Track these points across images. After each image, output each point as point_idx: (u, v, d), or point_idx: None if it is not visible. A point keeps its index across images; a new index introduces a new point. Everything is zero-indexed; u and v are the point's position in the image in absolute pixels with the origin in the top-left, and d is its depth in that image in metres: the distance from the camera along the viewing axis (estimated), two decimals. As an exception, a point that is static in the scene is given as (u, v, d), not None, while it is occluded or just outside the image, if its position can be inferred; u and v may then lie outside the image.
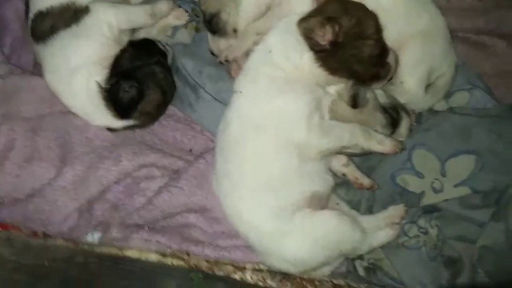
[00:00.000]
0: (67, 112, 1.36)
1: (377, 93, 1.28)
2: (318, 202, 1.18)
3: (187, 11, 1.52)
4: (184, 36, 1.51)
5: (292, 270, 1.19)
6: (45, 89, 1.36)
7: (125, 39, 1.38)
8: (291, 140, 1.12)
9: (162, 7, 1.44)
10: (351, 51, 1.11)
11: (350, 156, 1.30)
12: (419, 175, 1.30)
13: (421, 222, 1.27)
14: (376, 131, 1.23)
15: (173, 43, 1.50)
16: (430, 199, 1.28)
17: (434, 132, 1.32)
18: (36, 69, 1.46)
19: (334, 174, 1.28)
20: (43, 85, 1.36)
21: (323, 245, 1.14)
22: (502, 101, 1.41)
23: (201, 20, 1.46)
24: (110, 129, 1.35)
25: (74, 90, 1.29)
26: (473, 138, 1.29)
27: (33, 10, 1.35)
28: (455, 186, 1.27)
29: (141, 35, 1.47)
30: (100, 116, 1.31)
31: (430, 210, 1.30)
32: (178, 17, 1.50)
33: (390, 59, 1.20)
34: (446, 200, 1.27)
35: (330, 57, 1.11)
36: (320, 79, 1.15)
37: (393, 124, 1.28)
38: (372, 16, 1.14)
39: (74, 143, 1.32)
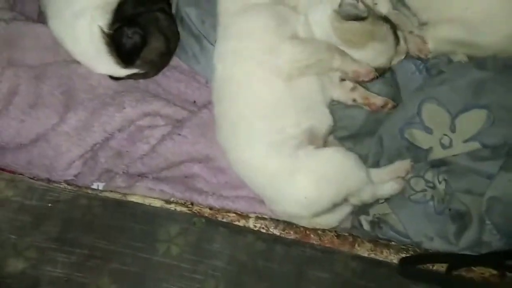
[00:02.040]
0: (71, 61, 1.35)
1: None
2: (319, 142, 1.17)
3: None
4: (189, -15, 1.48)
5: (303, 212, 1.18)
6: (49, 38, 1.34)
7: (129, -14, 1.35)
8: (266, 52, 1.13)
9: None
10: None
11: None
12: (428, 130, 1.27)
13: (429, 176, 1.25)
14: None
15: (177, -7, 1.47)
16: (437, 154, 1.26)
17: (448, 86, 1.28)
18: (41, 19, 1.45)
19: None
20: (47, 33, 1.35)
21: (331, 181, 1.14)
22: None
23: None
24: (114, 78, 1.34)
25: (77, 35, 1.28)
26: (485, 93, 1.25)
27: (36, -46, 1.34)
28: (464, 141, 1.24)
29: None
30: (103, 62, 1.29)
31: (438, 164, 1.28)
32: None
33: None
34: (455, 155, 1.24)
35: None
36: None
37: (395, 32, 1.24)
38: None
39: (77, 90, 1.31)
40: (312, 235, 1.23)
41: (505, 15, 1.24)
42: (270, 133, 1.15)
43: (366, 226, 1.28)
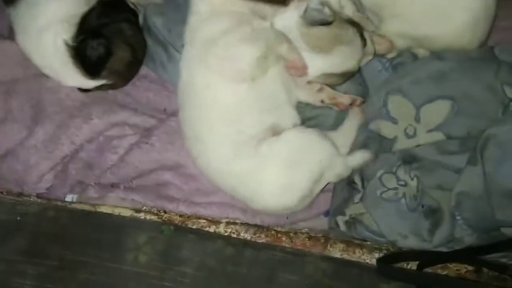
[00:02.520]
0: (40, 75, 1.37)
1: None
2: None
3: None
4: (156, -5, 1.50)
5: (288, 203, 1.19)
6: (19, 53, 1.37)
7: (94, -1, 1.38)
8: (226, 60, 1.14)
9: None
10: None
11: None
12: (393, 120, 1.28)
13: (400, 173, 1.25)
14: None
15: (145, 3, 1.47)
16: (402, 144, 1.26)
17: (410, 78, 1.29)
18: (12, 35, 1.47)
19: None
20: (16, 49, 1.37)
21: (299, 162, 1.16)
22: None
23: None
24: (82, 90, 1.36)
25: (43, 49, 1.30)
26: (449, 83, 1.25)
27: (3, -26, 1.36)
28: (428, 131, 1.24)
29: (113, -5, 1.47)
30: (70, 75, 1.31)
31: (409, 160, 1.27)
32: (149, -25, 1.48)
33: None
34: (419, 146, 1.24)
35: None
36: (241, 8, 1.18)
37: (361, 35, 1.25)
38: None
39: (46, 103, 1.33)
40: (284, 238, 1.24)
41: (446, 11, 1.26)
42: (232, 135, 1.16)
43: (343, 227, 1.28)
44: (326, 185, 1.25)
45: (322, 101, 1.27)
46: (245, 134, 1.15)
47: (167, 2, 1.47)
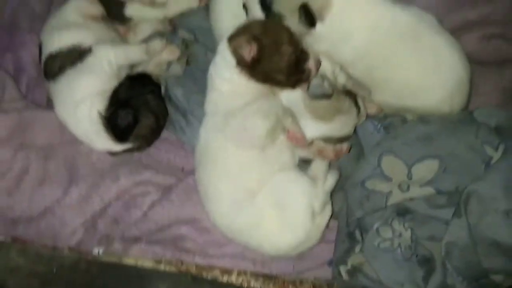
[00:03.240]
0: (75, 141, 1.55)
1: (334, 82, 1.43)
2: None
3: (178, 46, 1.69)
4: (176, 69, 1.69)
5: (299, 239, 1.29)
6: (56, 121, 1.56)
7: (124, 74, 1.58)
8: (242, 131, 1.28)
9: (156, 45, 1.63)
10: (271, 64, 1.29)
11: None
12: (388, 178, 1.40)
13: (395, 224, 1.37)
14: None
15: (167, 76, 1.67)
16: (396, 197, 1.37)
17: (400, 140, 1.43)
18: (49, 105, 1.67)
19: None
20: (54, 118, 1.56)
21: (287, 200, 1.28)
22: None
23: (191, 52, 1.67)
24: (112, 153, 1.53)
25: (79, 120, 1.49)
26: (435, 144, 1.39)
27: (45, 53, 1.57)
28: (421, 186, 1.36)
29: (139, 69, 1.67)
30: (102, 141, 1.49)
31: (403, 213, 1.39)
32: (171, 53, 1.67)
33: (310, 64, 1.34)
34: (412, 199, 1.36)
35: (254, 70, 1.29)
36: (257, 89, 1.32)
37: (356, 104, 1.41)
38: (286, 33, 1.31)
39: (79, 166, 1.51)
40: (290, 286, 1.36)
41: (422, 88, 1.42)
42: (237, 193, 1.29)
43: (345, 276, 1.38)
44: (329, 220, 1.38)
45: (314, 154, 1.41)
46: (248, 191, 1.29)
47: (186, 75, 1.67)
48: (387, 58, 1.41)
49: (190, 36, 1.76)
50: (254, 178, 1.30)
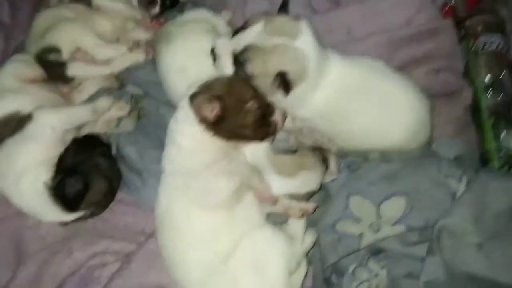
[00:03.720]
0: (20, 214, 1.42)
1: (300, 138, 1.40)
2: None
3: (127, 102, 1.63)
4: (127, 125, 1.61)
5: None
6: (-1, 194, 1.42)
7: (69, 137, 1.47)
8: (206, 193, 1.22)
9: (103, 103, 1.56)
10: (236, 121, 1.26)
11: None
12: (357, 220, 1.38)
13: (371, 264, 1.34)
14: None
15: (117, 133, 1.59)
16: (369, 238, 1.35)
17: (366, 180, 1.42)
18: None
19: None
20: (-5, 190, 1.42)
21: (264, 262, 1.21)
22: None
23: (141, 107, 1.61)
24: (62, 224, 1.41)
25: (22, 193, 1.36)
26: (400, 181, 1.39)
27: (-20, 123, 1.45)
28: (391, 225, 1.35)
29: (86, 130, 1.57)
30: (50, 212, 1.36)
31: (376, 252, 1.37)
32: (120, 109, 1.60)
33: (276, 117, 1.32)
34: (385, 238, 1.34)
35: (218, 128, 1.25)
36: (221, 146, 1.27)
37: (324, 160, 1.39)
38: (251, 91, 1.29)
39: (27, 243, 1.37)
40: None
41: (383, 130, 1.42)
42: (206, 257, 1.21)
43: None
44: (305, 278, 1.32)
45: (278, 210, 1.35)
46: (218, 255, 1.21)
47: (138, 131, 1.59)
48: (344, 112, 1.42)
49: (139, 91, 1.70)
50: (225, 239, 1.22)
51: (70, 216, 1.38)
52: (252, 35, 1.31)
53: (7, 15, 1.88)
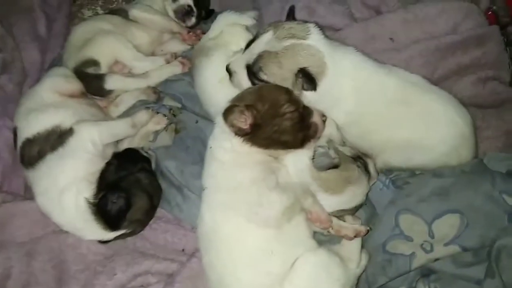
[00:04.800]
0: (60, 231, 1.40)
1: (341, 149, 1.34)
2: None
3: (165, 115, 1.60)
4: (165, 139, 1.58)
5: None
6: (37, 212, 1.40)
7: (110, 152, 1.45)
8: (257, 207, 1.17)
9: (142, 117, 1.53)
10: (273, 128, 1.23)
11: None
12: (408, 238, 1.32)
13: (420, 286, 1.28)
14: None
15: (155, 147, 1.56)
16: (421, 259, 1.29)
17: (416, 197, 1.36)
18: (28, 193, 1.52)
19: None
20: (35, 208, 1.40)
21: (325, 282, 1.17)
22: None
23: (179, 120, 1.57)
24: (102, 242, 1.38)
25: (64, 209, 1.34)
26: (452, 198, 1.32)
27: (21, 138, 1.44)
28: (445, 245, 1.28)
29: (124, 145, 1.55)
30: (91, 230, 1.34)
31: (427, 273, 1.31)
32: (157, 123, 1.58)
33: (315, 118, 1.29)
34: (437, 259, 1.28)
35: (256, 137, 1.23)
36: (260, 155, 1.25)
37: (366, 169, 1.33)
38: (284, 94, 1.27)
39: (68, 262, 1.35)
40: None
41: (423, 145, 1.38)
42: (259, 278, 1.16)
43: None
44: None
45: (328, 232, 1.31)
46: (271, 276, 1.16)
47: (176, 145, 1.56)
48: (380, 122, 1.40)
49: (177, 103, 1.67)
50: (277, 260, 1.17)
51: (111, 234, 1.35)
52: (262, 44, 1.32)
53: (44, 27, 1.87)
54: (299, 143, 1.28)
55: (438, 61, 1.62)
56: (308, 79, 1.29)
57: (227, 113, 1.23)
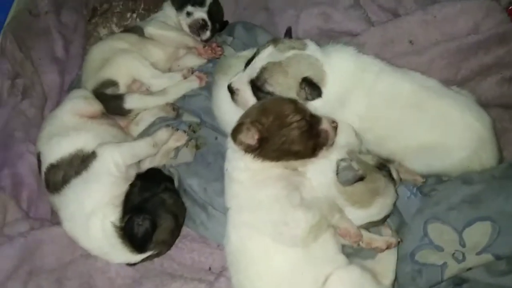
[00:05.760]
0: (88, 256, 1.40)
1: (364, 158, 1.31)
2: None
3: (185, 131, 1.59)
4: (186, 155, 1.58)
5: None
6: (65, 237, 1.41)
7: (133, 173, 1.45)
8: (282, 226, 1.16)
9: (163, 135, 1.53)
10: (281, 139, 1.23)
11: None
12: (439, 248, 1.29)
13: (453, 296, 1.26)
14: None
15: (177, 164, 1.56)
16: (453, 269, 1.26)
17: (445, 205, 1.33)
18: (54, 217, 1.53)
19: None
20: (62, 233, 1.41)
21: None
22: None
23: (199, 136, 1.57)
24: (130, 264, 1.38)
25: (91, 234, 1.34)
26: (483, 204, 1.29)
27: (45, 163, 1.44)
28: (477, 254, 1.25)
29: (146, 163, 1.55)
30: (119, 254, 1.34)
31: (459, 282, 1.29)
32: (178, 140, 1.58)
33: (324, 125, 1.27)
34: (470, 269, 1.25)
35: (265, 151, 1.22)
36: (276, 169, 1.24)
37: (390, 176, 1.30)
38: (288, 104, 1.26)
39: (98, 287, 1.35)
40: None
41: (441, 150, 1.35)
42: None
43: None
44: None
45: (358, 245, 1.28)
46: None
47: (198, 161, 1.55)
48: (395, 127, 1.38)
49: (196, 119, 1.66)
50: (306, 279, 1.16)
51: (139, 257, 1.35)
52: (264, 57, 1.34)
53: (61, 49, 1.88)
54: (311, 152, 1.27)
55: (460, 62, 1.58)
56: (312, 87, 1.31)
57: (235, 132, 1.24)
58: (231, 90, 1.39)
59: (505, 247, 1.24)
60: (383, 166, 1.30)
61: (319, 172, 1.26)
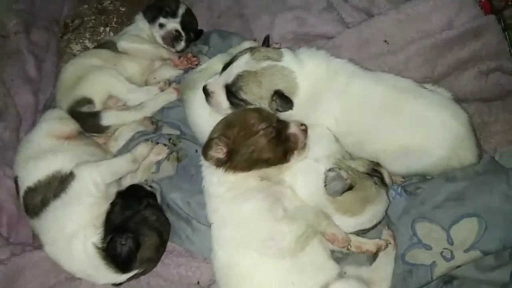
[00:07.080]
0: (73, 278, 1.37)
1: (354, 165, 1.30)
2: None
3: (165, 145, 1.57)
4: (168, 169, 1.56)
5: None
6: (48, 261, 1.38)
7: (114, 191, 1.42)
8: (268, 240, 1.15)
9: (142, 150, 1.50)
10: (249, 148, 1.23)
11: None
12: (427, 247, 1.29)
13: (443, 294, 1.24)
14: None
15: (159, 179, 1.53)
16: (442, 268, 1.26)
17: (430, 204, 1.32)
18: (36, 240, 1.50)
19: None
20: (45, 257, 1.38)
21: None
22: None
23: (180, 148, 1.55)
24: (116, 284, 1.35)
25: (74, 257, 1.31)
26: (468, 201, 1.29)
27: (23, 187, 1.41)
28: (465, 251, 1.25)
29: (127, 180, 1.52)
30: (103, 275, 1.31)
31: (448, 279, 1.29)
32: (158, 153, 1.55)
33: (292, 129, 1.28)
34: (459, 266, 1.24)
35: (235, 162, 1.23)
36: (251, 179, 1.24)
37: (382, 181, 1.29)
38: (252, 113, 1.27)
39: (83, 311, 1.31)
40: None
41: (419, 151, 1.35)
42: None
43: None
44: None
45: (348, 249, 1.28)
46: None
47: (180, 174, 1.53)
48: (371, 130, 1.38)
49: (176, 131, 1.64)
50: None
51: (124, 277, 1.32)
52: (241, 64, 1.34)
53: (34, 69, 1.84)
54: (282, 157, 1.27)
55: (436, 58, 1.58)
56: (284, 100, 1.31)
57: (204, 149, 1.25)
58: (206, 92, 1.38)
59: (492, 242, 1.23)
60: (375, 171, 1.29)
61: (308, 181, 1.26)
